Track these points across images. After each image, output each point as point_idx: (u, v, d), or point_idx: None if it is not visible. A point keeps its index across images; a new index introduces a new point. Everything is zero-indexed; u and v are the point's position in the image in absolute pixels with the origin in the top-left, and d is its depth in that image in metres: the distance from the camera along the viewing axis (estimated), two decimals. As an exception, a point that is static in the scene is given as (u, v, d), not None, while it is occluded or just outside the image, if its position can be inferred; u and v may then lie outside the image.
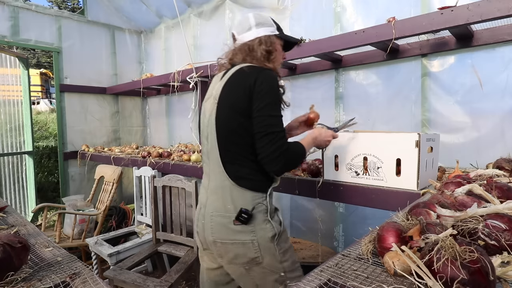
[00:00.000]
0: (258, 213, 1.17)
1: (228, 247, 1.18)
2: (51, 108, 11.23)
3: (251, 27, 1.26)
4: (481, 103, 1.92)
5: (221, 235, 1.18)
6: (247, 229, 1.16)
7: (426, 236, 0.62)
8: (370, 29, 1.86)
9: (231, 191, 1.17)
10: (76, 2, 21.21)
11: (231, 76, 1.20)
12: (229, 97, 1.18)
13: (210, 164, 1.24)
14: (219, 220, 1.18)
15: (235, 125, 1.16)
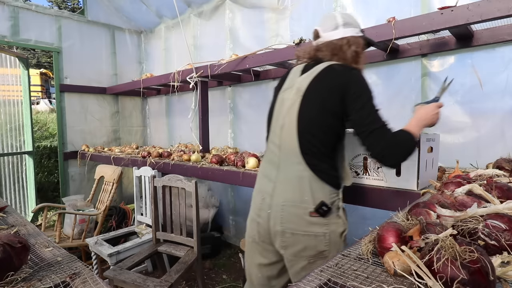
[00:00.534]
0: (333, 208, 1.19)
1: (299, 238, 1.17)
2: (51, 108, 11.23)
3: (338, 26, 1.27)
4: (481, 103, 1.92)
5: (293, 225, 1.17)
6: (322, 222, 1.16)
7: (426, 236, 0.62)
8: (370, 29, 1.86)
9: (310, 182, 1.17)
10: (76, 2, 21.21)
11: (320, 72, 1.21)
12: (317, 92, 1.19)
13: (281, 154, 1.23)
14: (292, 211, 1.17)
15: (321, 121, 1.17)
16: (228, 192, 3.56)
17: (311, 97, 1.20)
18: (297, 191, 1.17)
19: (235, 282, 2.73)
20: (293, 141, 1.20)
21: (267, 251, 1.29)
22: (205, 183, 3.60)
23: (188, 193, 2.15)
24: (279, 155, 1.24)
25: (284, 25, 2.85)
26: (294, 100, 1.22)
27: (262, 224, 1.25)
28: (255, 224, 1.29)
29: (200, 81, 2.87)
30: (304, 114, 1.19)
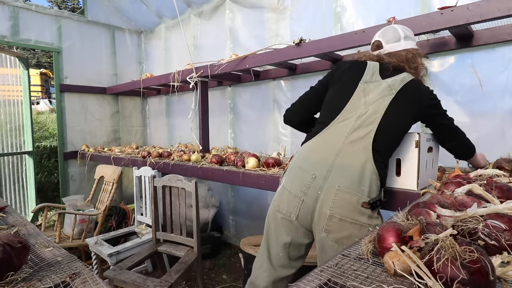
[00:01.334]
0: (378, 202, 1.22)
1: (346, 225, 1.18)
2: (51, 108, 11.23)
3: (400, 38, 1.41)
4: (481, 103, 1.92)
5: (343, 211, 1.18)
6: (370, 214, 1.19)
7: (426, 236, 0.62)
8: (370, 29, 1.86)
9: (371, 175, 1.19)
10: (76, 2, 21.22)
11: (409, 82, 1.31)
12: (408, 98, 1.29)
13: (347, 140, 1.24)
14: (346, 197, 1.18)
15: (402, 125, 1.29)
16: (228, 192, 3.56)
17: (402, 100, 1.27)
18: (356, 179, 1.19)
19: (235, 282, 2.73)
20: (369, 132, 1.23)
21: (299, 231, 1.28)
22: (205, 183, 3.60)
23: (188, 193, 2.15)
24: (345, 141, 1.24)
25: (284, 25, 2.85)
26: (384, 96, 1.27)
27: (307, 203, 1.23)
28: (298, 201, 1.25)
29: (200, 81, 2.87)
30: (391, 112, 1.25)
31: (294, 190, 1.27)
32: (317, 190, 1.21)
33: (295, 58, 2.29)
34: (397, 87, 1.28)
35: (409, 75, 1.33)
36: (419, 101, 1.31)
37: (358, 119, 1.25)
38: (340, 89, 1.36)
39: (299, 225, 1.27)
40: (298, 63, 2.68)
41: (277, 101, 3.02)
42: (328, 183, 1.20)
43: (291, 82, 2.92)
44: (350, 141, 1.23)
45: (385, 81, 1.31)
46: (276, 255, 1.34)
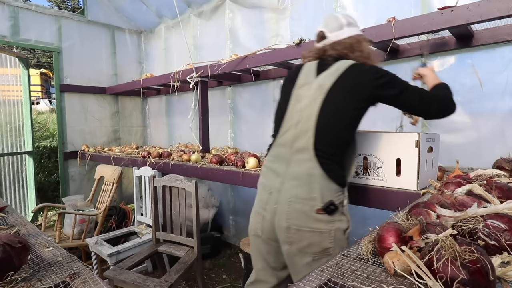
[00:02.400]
0: (338, 206, 1.20)
1: (304, 234, 1.18)
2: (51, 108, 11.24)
3: (342, 26, 1.35)
4: (481, 103, 1.92)
5: (299, 221, 1.18)
6: (328, 219, 1.18)
7: (426, 236, 0.62)
8: (370, 29, 1.86)
9: (320, 180, 1.18)
10: (76, 2, 21.21)
11: (345, 70, 1.24)
12: (341, 92, 1.23)
13: (292, 150, 1.25)
14: (299, 207, 1.19)
15: (343, 118, 1.22)
16: (228, 192, 3.56)
17: (336, 95, 1.23)
18: (305, 188, 1.19)
19: (235, 282, 2.73)
20: (308, 138, 1.21)
21: (269, 245, 1.30)
22: (205, 183, 3.60)
23: (188, 193, 2.15)
24: (290, 151, 1.25)
25: (284, 25, 2.85)
26: (315, 97, 1.24)
27: (267, 219, 1.26)
28: (260, 218, 1.30)
29: (200, 81, 2.87)
30: (326, 111, 1.22)
31: (256, 207, 1.34)
32: (273, 204, 1.24)
33: (295, 58, 2.29)
34: (329, 83, 1.24)
35: (349, 62, 1.28)
36: (362, 84, 1.24)
37: (296, 127, 1.26)
38: (280, 101, 1.41)
39: (268, 239, 1.30)
40: (298, 63, 2.68)
41: (277, 101, 3.02)
42: (282, 196, 1.22)
43: (291, 82, 2.91)
44: (295, 151, 1.24)
45: (317, 80, 1.28)
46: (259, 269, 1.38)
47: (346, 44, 1.32)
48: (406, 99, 1.25)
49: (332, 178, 1.19)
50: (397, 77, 1.27)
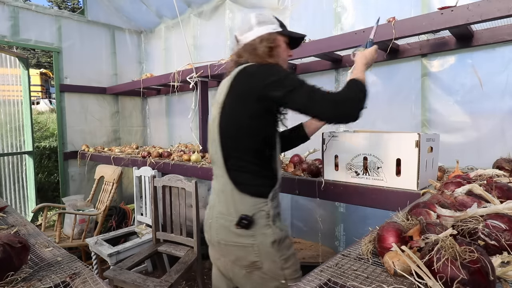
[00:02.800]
0: (259, 219, 1.16)
1: (230, 248, 1.19)
2: (51, 108, 11.23)
3: (252, 26, 1.25)
4: (481, 103, 1.92)
5: (225, 236, 1.19)
6: (247, 233, 1.15)
7: (426, 236, 0.62)
8: (370, 29, 1.86)
9: (232, 195, 1.17)
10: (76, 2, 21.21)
11: (234, 78, 1.17)
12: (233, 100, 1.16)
13: (216, 167, 1.25)
14: (222, 222, 1.20)
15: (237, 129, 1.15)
16: (228, 192, 3.55)
17: (229, 107, 1.17)
18: (223, 204, 1.20)
19: (235, 282, 2.73)
20: (219, 155, 1.20)
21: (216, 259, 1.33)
22: (205, 183, 3.60)
23: (188, 193, 2.15)
24: (216, 169, 1.26)
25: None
26: (216, 115, 1.21)
27: (208, 232, 1.30)
28: (206, 233, 1.33)
29: (200, 81, 2.87)
30: (223, 126, 1.18)
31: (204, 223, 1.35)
32: (209, 219, 1.27)
33: (295, 58, 2.29)
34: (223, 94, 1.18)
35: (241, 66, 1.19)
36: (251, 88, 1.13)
37: (211, 146, 1.26)
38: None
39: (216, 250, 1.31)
40: (298, 63, 2.68)
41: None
42: (213, 212, 1.25)
43: (291, 82, 2.92)
44: (215, 168, 1.26)
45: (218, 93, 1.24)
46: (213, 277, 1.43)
47: (248, 46, 1.23)
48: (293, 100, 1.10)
49: (244, 191, 1.15)
50: (290, 76, 1.12)
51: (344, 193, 1.54)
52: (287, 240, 1.22)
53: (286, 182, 1.77)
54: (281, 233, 1.18)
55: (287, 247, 1.21)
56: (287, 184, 1.77)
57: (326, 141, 1.57)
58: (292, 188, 1.75)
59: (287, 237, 1.23)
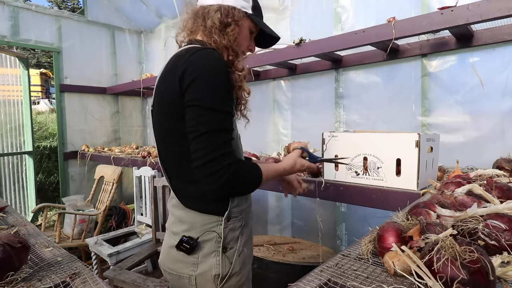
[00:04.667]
0: (206, 242, 0.90)
1: (167, 275, 0.98)
2: (51, 108, 11.23)
3: None
4: (481, 103, 1.92)
5: (164, 260, 0.99)
6: (188, 260, 0.90)
7: (426, 236, 0.62)
8: (370, 29, 1.86)
9: (177, 211, 0.96)
10: (76, 2, 21.20)
11: (166, 65, 0.93)
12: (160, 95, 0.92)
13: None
14: (166, 241, 1.00)
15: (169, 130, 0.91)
16: (228, 192, 3.55)
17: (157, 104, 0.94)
18: (170, 221, 1.00)
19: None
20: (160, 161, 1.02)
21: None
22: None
23: (188, 193, 2.15)
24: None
25: (284, 25, 2.85)
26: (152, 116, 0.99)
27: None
28: None
29: (200, 81, 2.86)
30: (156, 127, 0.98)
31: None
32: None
33: (295, 58, 2.29)
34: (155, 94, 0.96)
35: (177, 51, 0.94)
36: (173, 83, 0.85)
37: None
38: None
39: None
40: (298, 63, 2.68)
41: (277, 101, 3.02)
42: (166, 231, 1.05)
43: (291, 82, 2.92)
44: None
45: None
46: None
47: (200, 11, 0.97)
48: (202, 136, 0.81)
49: (190, 208, 0.93)
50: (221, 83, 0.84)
51: (344, 193, 1.54)
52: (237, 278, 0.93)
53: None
54: (230, 267, 0.91)
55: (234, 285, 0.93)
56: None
57: (326, 141, 1.57)
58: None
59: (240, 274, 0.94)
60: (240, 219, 0.95)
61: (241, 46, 0.99)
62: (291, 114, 2.93)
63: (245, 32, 0.99)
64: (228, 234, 0.92)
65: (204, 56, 0.85)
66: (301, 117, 2.85)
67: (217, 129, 0.82)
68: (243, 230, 0.96)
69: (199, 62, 0.84)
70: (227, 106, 0.85)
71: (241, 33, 0.98)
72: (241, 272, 0.95)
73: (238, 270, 0.93)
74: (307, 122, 2.81)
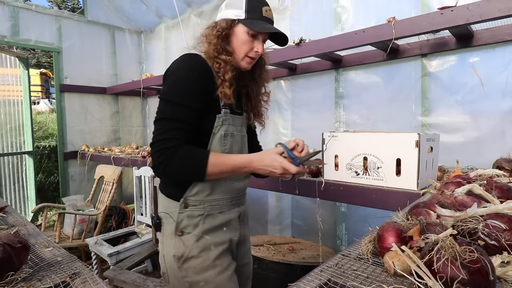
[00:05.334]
0: (166, 224, 1.06)
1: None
2: (51, 108, 11.23)
3: (221, 8, 1.07)
4: (481, 103, 1.92)
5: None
6: (160, 239, 1.09)
7: (426, 236, 0.62)
8: (370, 29, 1.86)
9: (159, 193, 1.14)
10: (76, 2, 21.20)
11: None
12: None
13: None
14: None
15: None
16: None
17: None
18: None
19: (235, 282, 2.73)
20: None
21: None
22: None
23: (188, 193, 2.15)
24: None
25: (284, 25, 2.85)
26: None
27: None
28: None
29: (200, 81, 2.86)
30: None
31: None
32: None
33: (295, 58, 2.29)
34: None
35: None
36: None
37: None
38: None
39: None
40: (298, 63, 2.68)
41: (277, 101, 3.02)
42: None
43: (291, 82, 2.92)
44: None
45: None
46: None
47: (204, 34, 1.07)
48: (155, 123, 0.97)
49: (162, 192, 1.11)
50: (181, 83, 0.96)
51: (344, 193, 1.54)
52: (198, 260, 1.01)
53: (286, 182, 1.77)
54: (186, 250, 1.01)
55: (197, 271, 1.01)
56: (288, 184, 1.77)
57: (326, 141, 1.57)
58: (292, 188, 1.75)
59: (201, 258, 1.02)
60: (201, 209, 1.04)
61: (238, 52, 1.05)
62: (291, 114, 2.93)
63: (241, 37, 1.04)
64: (184, 219, 1.03)
65: (178, 59, 1.01)
66: (301, 117, 2.86)
67: (166, 117, 0.95)
68: (205, 220, 1.04)
69: (173, 64, 1.01)
70: (184, 100, 0.95)
71: (237, 39, 1.04)
72: (201, 256, 1.02)
73: (196, 254, 1.01)
74: (307, 122, 2.81)
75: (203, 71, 1.00)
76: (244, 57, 1.05)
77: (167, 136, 0.93)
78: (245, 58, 1.06)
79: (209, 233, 1.04)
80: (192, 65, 0.99)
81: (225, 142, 1.05)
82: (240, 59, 1.05)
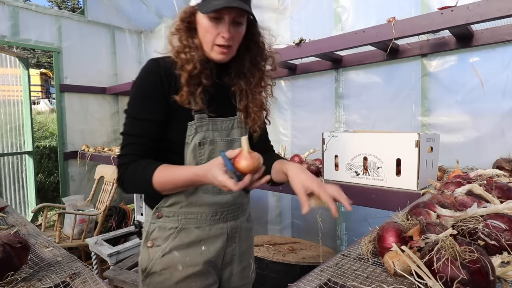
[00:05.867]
0: (144, 232, 0.99)
1: None
2: (51, 108, 11.23)
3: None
4: (481, 103, 1.92)
5: None
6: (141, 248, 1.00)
7: (426, 236, 0.62)
8: (370, 29, 1.86)
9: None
10: (76, 2, 21.20)
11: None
12: None
13: None
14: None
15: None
16: (228, 192, 3.55)
17: None
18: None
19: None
20: None
21: None
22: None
23: (188, 193, 2.15)
24: None
25: (284, 25, 2.85)
26: None
27: None
28: None
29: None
30: None
31: None
32: None
33: (295, 58, 2.29)
34: None
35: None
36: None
37: None
38: None
39: None
40: (298, 63, 2.68)
41: (277, 101, 3.02)
42: None
43: (291, 82, 2.92)
44: None
45: None
46: None
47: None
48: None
49: (144, 200, 1.05)
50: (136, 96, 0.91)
51: (344, 193, 1.54)
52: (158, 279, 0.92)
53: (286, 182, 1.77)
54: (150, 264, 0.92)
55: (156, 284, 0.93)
56: (287, 184, 1.76)
57: (326, 141, 1.57)
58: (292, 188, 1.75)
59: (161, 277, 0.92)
60: (175, 221, 0.94)
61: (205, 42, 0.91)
62: (291, 114, 2.93)
63: (203, 24, 0.88)
64: (155, 230, 0.95)
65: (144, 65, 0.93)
66: (301, 117, 2.86)
67: (124, 132, 0.92)
68: (178, 234, 0.94)
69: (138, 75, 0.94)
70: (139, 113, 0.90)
71: (200, 28, 0.90)
72: (163, 274, 0.92)
73: (158, 271, 0.92)
74: (307, 122, 2.81)
75: (162, 77, 0.89)
76: (212, 47, 0.89)
77: (123, 152, 0.90)
78: (214, 48, 0.89)
79: (179, 250, 0.93)
80: (149, 72, 0.90)
81: (202, 152, 0.92)
82: (209, 50, 0.90)
